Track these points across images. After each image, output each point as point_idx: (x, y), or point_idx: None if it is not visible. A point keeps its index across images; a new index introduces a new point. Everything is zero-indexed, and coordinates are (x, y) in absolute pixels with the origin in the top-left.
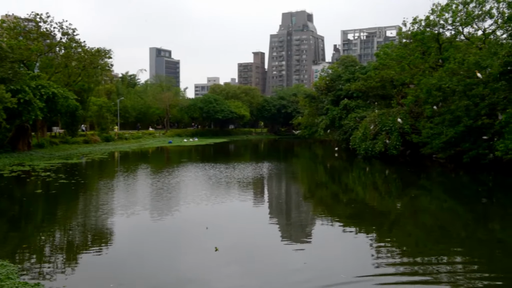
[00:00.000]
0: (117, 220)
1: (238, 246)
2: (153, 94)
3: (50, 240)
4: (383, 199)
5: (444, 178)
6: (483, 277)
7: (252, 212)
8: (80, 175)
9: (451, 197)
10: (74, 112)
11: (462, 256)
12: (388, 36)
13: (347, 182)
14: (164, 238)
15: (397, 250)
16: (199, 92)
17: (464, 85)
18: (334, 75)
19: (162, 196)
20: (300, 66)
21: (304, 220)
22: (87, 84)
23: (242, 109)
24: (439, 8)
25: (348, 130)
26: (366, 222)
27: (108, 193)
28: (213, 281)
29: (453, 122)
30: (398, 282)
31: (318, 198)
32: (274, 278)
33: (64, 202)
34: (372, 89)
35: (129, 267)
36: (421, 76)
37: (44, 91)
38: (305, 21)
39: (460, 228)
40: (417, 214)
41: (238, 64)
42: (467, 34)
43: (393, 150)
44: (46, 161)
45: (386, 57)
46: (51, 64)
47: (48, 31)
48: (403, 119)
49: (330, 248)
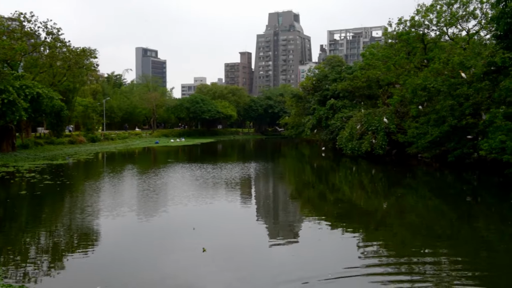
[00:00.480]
0: (103, 222)
1: (225, 246)
2: (139, 94)
3: (34, 242)
4: (370, 199)
5: (430, 177)
6: (468, 275)
7: (240, 212)
8: (66, 176)
9: (436, 196)
10: (59, 113)
11: (447, 254)
12: (374, 36)
13: (334, 182)
14: (151, 239)
15: (383, 249)
16: (186, 92)
17: (448, 85)
18: (321, 75)
19: (148, 197)
20: (286, 66)
21: (291, 220)
22: (72, 84)
23: (229, 109)
24: (424, 8)
25: (334, 130)
26: (353, 221)
27: (94, 194)
28: (201, 281)
29: (438, 121)
30: (385, 281)
31: (305, 198)
32: (261, 278)
33: (49, 204)
34: (358, 89)
35: (116, 269)
36: (407, 76)
37: (28, 91)
38: (291, 21)
39: (445, 227)
40: (403, 213)
41: (225, 64)
42: (451, 35)
43: (379, 149)
44: (31, 162)
45: (372, 57)
46: (36, 64)
47: (32, 31)
48: (389, 119)
49: (317, 247)
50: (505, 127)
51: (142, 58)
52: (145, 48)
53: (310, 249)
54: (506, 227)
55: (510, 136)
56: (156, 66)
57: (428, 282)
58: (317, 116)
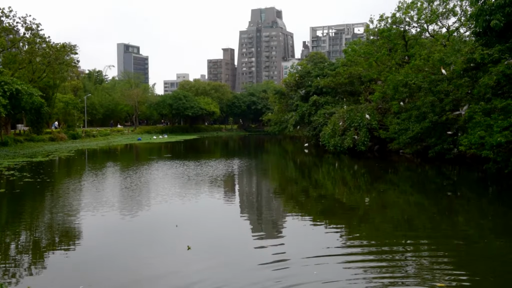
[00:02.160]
0: (84, 220)
1: (209, 244)
2: (121, 90)
3: (14, 240)
4: (352, 194)
5: (411, 172)
6: (447, 267)
7: (223, 209)
8: (46, 174)
9: (417, 191)
10: (39, 109)
11: (428, 247)
12: (356, 33)
13: (317, 178)
14: (133, 237)
15: (366, 242)
16: (168, 89)
17: (429, 82)
18: (304, 72)
19: (130, 194)
20: (269, 63)
21: (274, 216)
22: (52, 80)
23: (212, 105)
24: (405, 5)
25: (317, 126)
26: (335, 216)
27: (75, 192)
28: (187, 279)
29: (419, 117)
30: (365, 266)
31: (288, 194)
32: (245, 273)
33: (29, 202)
34: (340, 85)
35: (98, 267)
36: (388, 72)
37: (7, 88)
38: (274, 18)
39: (426, 221)
40: (385, 208)
41: (207, 60)
42: (432, 32)
43: (362, 146)
44: (10, 159)
45: (354, 54)
46: (15, 60)
47: (11, 26)
48: (371, 115)
49: (300, 242)
50: (484, 123)
51: (124, 54)
52: (127, 44)
53: (292, 244)
54: (485, 221)
55: (488, 131)
56: (138, 62)
57: (410, 276)
58: (300, 113)
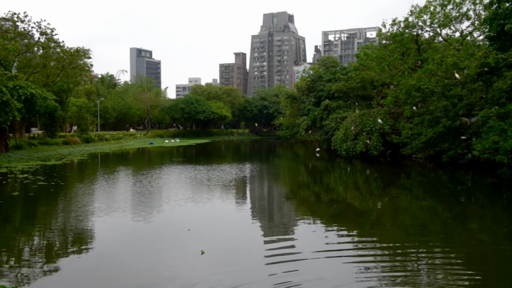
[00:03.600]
0: (97, 223)
1: (222, 248)
2: (133, 94)
3: (28, 243)
4: (364, 199)
5: (424, 177)
6: (460, 273)
7: (235, 213)
8: (60, 177)
9: (430, 197)
10: (53, 113)
11: (441, 253)
12: (368, 37)
13: (329, 182)
14: (147, 241)
15: (378, 245)
16: (180, 93)
17: (442, 86)
18: (315, 76)
19: (143, 198)
20: (281, 67)
21: (286, 221)
22: (66, 84)
23: (223, 109)
24: (417, 10)
25: (329, 131)
26: (347, 221)
27: (88, 195)
28: (198, 282)
29: (432, 122)
30: (379, 276)
31: (300, 199)
32: (258, 279)
33: (43, 205)
34: (352, 89)
35: (111, 271)
36: (401, 77)
37: (22, 92)
38: (286, 22)
39: (439, 227)
40: (398, 213)
41: (219, 64)
42: (445, 36)
43: (374, 150)
44: (24, 162)
45: (366, 58)
46: (29, 64)
47: (26, 31)
48: (383, 119)
49: (312, 248)
50: (498, 128)
51: (137, 58)
52: (140, 48)
53: (305, 249)
54: (500, 227)
55: (503, 136)
56: (151, 67)
57: (421, 278)
58: (312, 117)
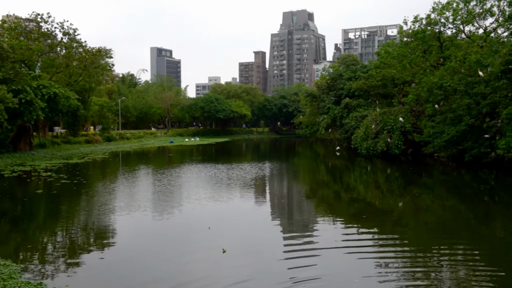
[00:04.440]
0: (119, 220)
1: (243, 247)
2: (154, 93)
3: (52, 240)
4: (385, 198)
5: (446, 176)
6: (483, 274)
7: (255, 212)
8: (82, 175)
9: (453, 196)
10: (76, 112)
11: (464, 253)
12: (389, 34)
13: (349, 181)
14: (168, 238)
15: (399, 242)
16: (200, 92)
17: (465, 84)
18: (335, 74)
19: (163, 196)
20: (301, 65)
21: (306, 219)
22: (88, 84)
23: (243, 108)
24: (440, 6)
25: (349, 129)
26: (368, 220)
27: (110, 193)
28: (220, 281)
29: (455, 120)
30: (400, 278)
31: (320, 197)
32: (281, 278)
33: (65, 202)
34: (373, 88)
35: (133, 268)
36: (422, 74)
37: (45, 91)
38: (306, 20)
39: (462, 226)
40: (419, 212)
41: (239, 63)
42: (468, 33)
43: (395, 149)
44: (48, 161)
45: (387, 56)
46: (52, 64)
47: (49, 31)
48: (405, 118)
49: (332, 245)
50: None
51: (157, 57)
52: (160, 48)
53: (326, 248)
54: None
55: None
56: (171, 66)
57: (443, 277)
58: (332, 115)
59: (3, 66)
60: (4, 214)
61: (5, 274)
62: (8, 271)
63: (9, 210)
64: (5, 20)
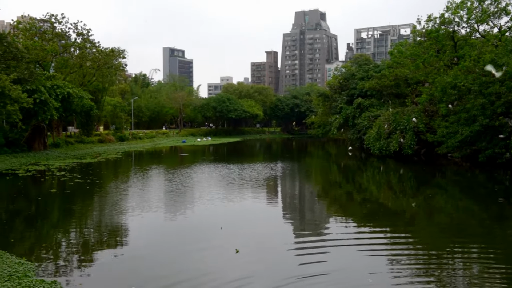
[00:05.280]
0: (132, 219)
1: (255, 247)
2: (166, 93)
3: (66, 238)
4: (398, 198)
5: (460, 177)
6: (496, 276)
7: (267, 212)
8: (95, 175)
9: (467, 196)
10: (89, 112)
11: (478, 255)
12: (402, 34)
13: (361, 182)
14: (181, 238)
15: (412, 246)
16: (212, 92)
17: (479, 84)
18: (348, 74)
19: (176, 196)
20: (313, 65)
21: (318, 220)
22: (101, 84)
23: (255, 108)
24: (454, 5)
25: (362, 129)
26: (380, 221)
27: (122, 193)
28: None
29: (469, 121)
30: (413, 281)
31: (332, 198)
32: (293, 278)
33: (79, 201)
34: (386, 87)
35: (146, 267)
36: (436, 74)
37: (59, 91)
38: (318, 20)
39: (476, 227)
40: (433, 213)
41: (251, 63)
42: (482, 32)
43: (408, 149)
44: (61, 160)
45: (400, 56)
46: (66, 65)
47: (63, 32)
48: (418, 118)
49: (346, 248)
50: None
51: (169, 58)
52: (172, 48)
53: (339, 249)
54: None
55: None
56: (183, 66)
57: (456, 279)
58: (344, 115)
59: (18, 67)
60: (18, 213)
61: (20, 272)
62: (23, 269)
63: (24, 209)
64: (20, 21)
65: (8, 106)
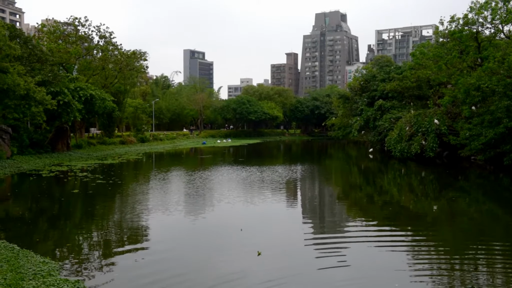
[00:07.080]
0: (152, 221)
1: (276, 250)
2: (187, 95)
3: (89, 238)
4: (420, 201)
5: (483, 180)
6: None
7: (287, 214)
8: (117, 176)
9: (490, 200)
10: (111, 113)
11: (502, 260)
12: (424, 35)
13: (382, 184)
14: (201, 240)
15: (433, 245)
16: (232, 93)
17: (504, 85)
18: (369, 76)
19: (196, 198)
20: (333, 67)
21: (338, 222)
22: (123, 86)
23: (275, 110)
24: (477, 6)
25: (382, 131)
26: (401, 224)
27: (144, 194)
28: (255, 283)
29: (493, 123)
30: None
31: (352, 200)
32: (314, 282)
33: (101, 202)
34: (407, 89)
35: (166, 269)
36: (459, 75)
37: (82, 93)
38: (338, 21)
39: (500, 230)
40: (455, 216)
41: (271, 65)
42: (507, 32)
43: (430, 151)
44: (84, 161)
45: (422, 57)
46: (89, 67)
47: (86, 35)
48: (440, 120)
49: (364, 248)
50: None
51: (190, 59)
52: (193, 50)
53: (360, 252)
54: None
55: None
56: (204, 68)
57: (479, 278)
58: (365, 117)
59: (43, 69)
60: (42, 213)
61: (44, 271)
62: (47, 268)
63: (47, 209)
64: (45, 24)
65: (33, 107)
